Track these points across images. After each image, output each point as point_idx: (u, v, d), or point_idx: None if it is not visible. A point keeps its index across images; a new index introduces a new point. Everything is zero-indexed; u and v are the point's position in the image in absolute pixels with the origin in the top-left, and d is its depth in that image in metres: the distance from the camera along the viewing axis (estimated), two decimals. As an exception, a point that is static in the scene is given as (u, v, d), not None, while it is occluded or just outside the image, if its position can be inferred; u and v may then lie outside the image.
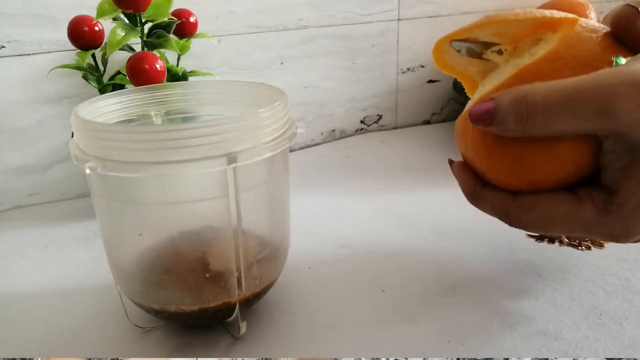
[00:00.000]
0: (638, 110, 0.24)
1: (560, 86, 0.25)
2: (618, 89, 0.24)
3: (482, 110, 0.27)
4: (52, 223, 0.48)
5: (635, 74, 0.24)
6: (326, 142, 0.68)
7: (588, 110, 0.24)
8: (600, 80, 0.24)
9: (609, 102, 0.24)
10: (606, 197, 0.27)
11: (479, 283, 0.36)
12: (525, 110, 0.25)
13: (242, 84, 0.35)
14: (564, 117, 0.25)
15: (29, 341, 0.32)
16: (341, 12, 0.64)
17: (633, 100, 0.24)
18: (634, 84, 0.23)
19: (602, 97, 0.24)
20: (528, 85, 0.26)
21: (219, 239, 0.31)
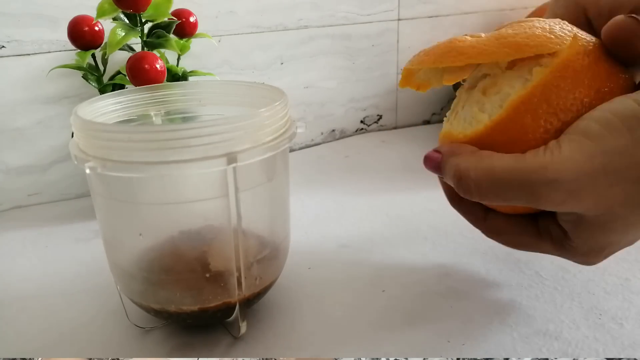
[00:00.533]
0: (560, 206, 0.25)
1: (490, 174, 0.26)
2: (540, 188, 0.25)
3: (433, 163, 0.29)
4: (52, 223, 0.48)
5: (558, 173, 0.24)
6: (326, 142, 0.68)
7: (516, 201, 0.26)
8: (525, 175, 0.25)
9: (534, 199, 0.25)
10: (563, 237, 0.28)
11: (479, 283, 0.36)
12: (463, 190, 0.27)
13: (242, 84, 0.35)
14: (496, 201, 0.27)
15: (29, 341, 0.32)
16: (341, 12, 0.64)
17: (554, 199, 0.25)
18: (555, 183, 0.24)
19: (527, 193, 0.25)
20: (463, 163, 0.27)
21: (219, 238, 0.31)
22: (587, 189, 0.24)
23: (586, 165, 0.24)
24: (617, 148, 0.24)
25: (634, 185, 0.24)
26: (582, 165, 0.24)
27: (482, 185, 0.26)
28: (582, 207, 0.25)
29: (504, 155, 0.26)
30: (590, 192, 0.25)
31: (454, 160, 0.28)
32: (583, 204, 0.25)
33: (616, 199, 0.25)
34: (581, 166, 0.24)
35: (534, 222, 0.30)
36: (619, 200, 0.25)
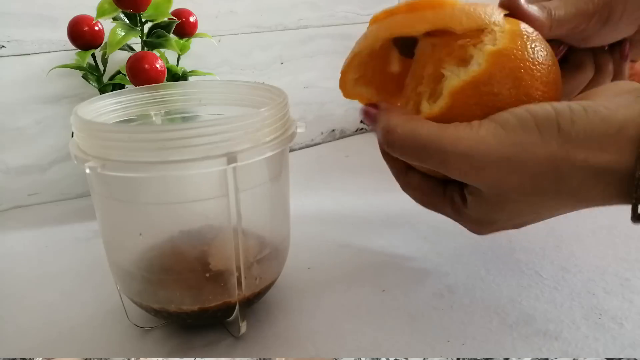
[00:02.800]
0: (463, 176, 0.29)
1: (414, 134, 0.29)
2: (451, 157, 0.28)
3: (369, 115, 0.32)
4: (52, 223, 0.48)
5: (469, 149, 0.28)
6: (326, 142, 0.68)
7: (429, 164, 0.29)
8: (441, 143, 0.28)
9: (444, 165, 0.28)
10: (461, 204, 0.32)
11: (478, 283, 0.36)
12: (388, 143, 0.30)
13: (242, 84, 0.35)
14: (413, 160, 0.30)
15: (29, 341, 0.32)
16: (341, 12, 0.64)
17: (460, 169, 0.28)
18: (464, 156, 0.28)
19: (439, 159, 0.28)
20: (393, 120, 0.30)
21: (219, 238, 0.31)
22: (489, 169, 0.28)
23: (495, 150, 0.27)
24: (524, 144, 0.27)
25: (528, 177, 0.27)
26: (491, 149, 0.27)
27: (405, 144, 0.29)
28: (481, 183, 0.29)
29: (430, 122, 0.29)
30: (492, 172, 0.28)
31: (386, 115, 0.30)
32: (483, 180, 0.28)
33: (512, 185, 0.28)
34: (490, 149, 0.27)
35: (443, 186, 0.33)
36: (513, 186, 0.28)
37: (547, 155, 0.27)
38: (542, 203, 0.29)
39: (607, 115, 0.26)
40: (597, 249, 0.39)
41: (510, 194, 0.28)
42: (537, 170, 0.27)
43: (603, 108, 0.27)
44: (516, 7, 0.32)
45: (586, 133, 0.26)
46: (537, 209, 0.30)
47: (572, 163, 0.27)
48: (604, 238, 0.40)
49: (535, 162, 0.27)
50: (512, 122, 0.28)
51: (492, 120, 0.28)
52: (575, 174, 0.27)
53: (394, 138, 0.29)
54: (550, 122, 0.27)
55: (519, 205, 0.29)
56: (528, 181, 0.27)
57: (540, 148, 0.27)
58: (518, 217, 0.31)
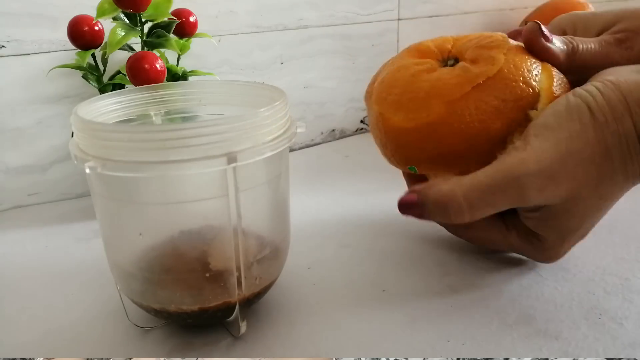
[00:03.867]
0: (542, 194, 0.29)
1: (476, 184, 0.29)
2: (526, 181, 0.28)
3: (411, 204, 0.30)
4: (52, 223, 0.48)
5: (537, 163, 0.28)
6: (326, 142, 0.68)
7: (505, 202, 0.29)
8: (509, 173, 0.28)
9: (521, 193, 0.29)
10: (528, 232, 0.32)
11: (478, 283, 0.36)
12: (453, 213, 0.29)
13: (242, 84, 0.35)
14: (486, 211, 0.29)
15: (29, 341, 0.32)
16: (341, 12, 0.64)
17: (539, 187, 0.29)
18: (538, 173, 0.28)
19: (515, 189, 0.28)
20: (445, 186, 0.29)
21: (219, 238, 0.31)
22: (561, 172, 0.28)
23: (556, 151, 0.28)
24: (574, 132, 0.29)
25: (590, 164, 0.29)
26: (553, 152, 0.28)
27: (471, 197, 0.28)
28: (559, 192, 0.29)
29: (478, 171, 0.29)
30: (564, 174, 0.29)
31: (433, 190, 0.29)
32: (560, 188, 0.29)
33: (580, 179, 0.29)
34: (552, 153, 0.28)
35: (501, 218, 0.34)
36: (582, 180, 0.29)
37: (594, 134, 0.28)
38: (605, 190, 0.30)
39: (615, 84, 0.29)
40: (597, 249, 0.39)
41: (581, 191, 0.29)
42: (593, 153, 0.29)
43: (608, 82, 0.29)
44: (535, 44, 0.34)
45: (608, 105, 0.29)
46: (602, 202, 0.30)
47: (612, 133, 0.28)
48: (604, 238, 0.40)
49: (589, 145, 0.29)
50: (552, 121, 0.29)
51: (534, 130, 0.30)
52: (617, 145, 0.29)
53: (459, 201, 0.28)
54: (580, 107, 0.29)
55: (589, 201, 0.30)
56: (591, 168, 0.29)
57: (587, 131, 0.29)
58: (587, 219, 0.31)
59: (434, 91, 0.33)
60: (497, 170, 0.29)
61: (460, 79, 0.33)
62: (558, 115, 0.29)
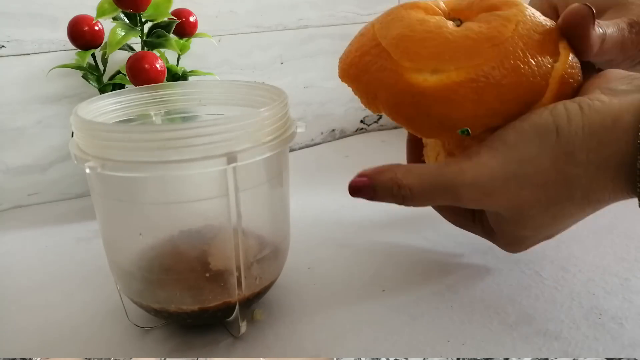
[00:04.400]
0: (479, 205, 0.29)
1: (420, 180, 0.29)
2: (461, 190, 0.28)
3: (362, 186, 0.31)
4: (52, 223, 0.48)
5: (475, 177, 0.28)
6: (326, 142, 0.68)
7: (444, 200, 0.30)
8: (447, 180, 0.29)
9: (457, 199, 0.29)
10: (490, 228, 0.32)
11: (479, 283, 0.36)
12: (400, 198, 0.30)
13: (242, 84, 0.35)
14: (429, 203, 0.31)
15: (28, 341, 0.32)
16: (341, 11, 0.64)
17: (474, 199, 0.29)
18: (473, 185, 0.28)
19: (451, 195, 0.29)
20: (396, 174, 0.30)
21: (219, 238, 0.31)
22: (500, 191, 0.28)
23: (500, 170, 0.27)
24: (527, 156, 0.27)
25: (540, 189, 0.27)
26: (497, 171, 0.28)
27: (415, 190, 0.29)
28: (496, 206, 0.29)
29: (429, 165, 0.30)
30: (503, 193, 0.28)
31: (383, 176, 0.30)
32: (496, 203, 0.29)
33: (525, 200, 0.28)
34: (495, 172, 0.28)
35: (472, 211, 0.34)
36: (528, 202, 0.28)
37: (551, 162, 0.27)
38: (561, 212, 0.28)
39: (602, 107, 0.26)
40: (597, 249, 0.39)
41: (527, 211, 0.28)
42: (545, 180, 0.27)
43: (597, 101, 0.26)
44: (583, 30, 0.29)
45: (584, 130, 0.26)
46: (558, 220, 0.29)
47: (576, 164, 0.26)
48: (604, 238, 0.40)
49: (541, 172, 0.27)
50: (511, 138, 0.28)
51: (491, 142, 0.28)
52: (582, 174, 0.26)
53: (405, 193, 0.29)
54: (548, 128, 0.27)
55: (540, 219, 0.29)
56: (540, 193, 0.27)
57: (543, 157, 0.27)
58: (544, 231, 0.30)
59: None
60: (440, 173, 0.29)
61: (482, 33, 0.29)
62: (520, 132, 0.27)
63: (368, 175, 0.31)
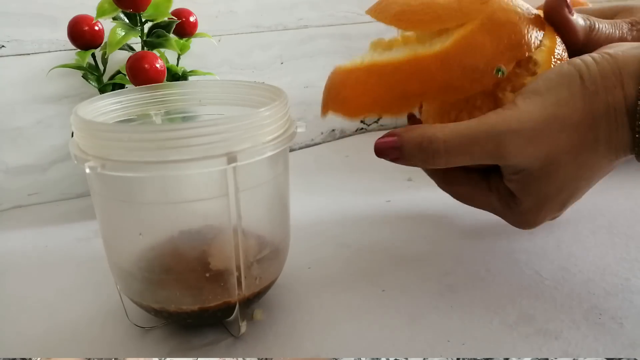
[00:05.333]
0: (520, 154, 0.30)
1: (457, 132, 0.30)
2: (505, 138, 0.29)
3: (388, 147, 0.32)
4: (52, 223, 0.48)
5: (520, 123, 0.29)
6: (326, 142, 0.68)
7: (483, 154, 0.30)
8: (491, 128, 0.29)
9: (499, 148, 0.29)
10: (508, 195, 0.33)
11: (478, 283, 0.36)
12: (431, 154, 0.30)
13: (242, 84, 0.35)
14: (463, 159, 0.30)
15: (28, 341, 0.32)
16: (341, 11, 0.64)
17: (518, 145, 0.29)
18: (518, 132, 0.29)
19: (493, 144, 0.29)
20: (429, 130, 0.30)
21: (219, 238, 0.31)
22: (542, 135, 0.29)
23: (541, 114, 0.29)
24: (562, 98, 0.29)
25: (574, 131, 0.29)
26: (538, 115, 0.29)
27: (451, 142, 0.30)
28: (538, 153, 0.30)
29: (464, 121, 0.30)
30: (545, 137, 0.29)
31: (414, 132, 0.31)
32: (539, 150, 0.29)
33: (562, 145, 0.29)
34: (537, 116, 0.29)
35: (486, 178, 0.34)
36: (564, 147, 0.29)
37: (582, 102, 0.29)
38: (587, 160, 0.30)
39: (611, 59, 0.29)
40: (597, 249, 0.39)
41: (562, 157, 0.30)
42: (578, 120, 0.29)
43: (607, 55, 0.30)
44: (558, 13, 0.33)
45: (601, 75, 0.29)
46: (582, 170, 0.31)
47: (600, 104, 0.29)
48: (604, 238, 0.40)
49: (576, 111, 0.29)
50: (541, 86, 0.30)
51: (524, 93, 0.30)
52: (603, 116, 0.29)
53: (438, 145, 0.30)
54: (573, 75, 0.30)
55: (569, 168, 0.30)
56: (574, 136, 0.29)
57: (575, 98, 0.29)
58: (565, 188, 0.31)
59: None
60: (481, 124, 0.30)
61: None
62: (548, 80, 0.30)
63: (396, 134, 0.31)
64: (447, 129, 0.30)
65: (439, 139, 0.30)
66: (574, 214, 0.44)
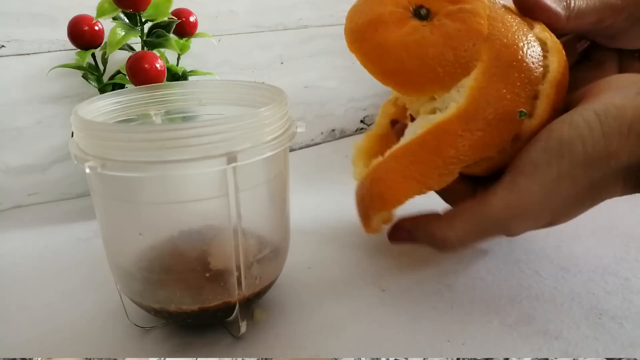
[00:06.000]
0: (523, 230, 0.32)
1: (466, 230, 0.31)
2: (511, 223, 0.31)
3: (402, 241, 0.35)
4: (52, 223, 0.48)
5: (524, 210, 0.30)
6: (326, 142, 0.68)
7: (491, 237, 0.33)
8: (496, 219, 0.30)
9: (506, 231, 0.31)
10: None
11: (478, 283, 0.36)
12: (444, 249, 0.33)
13: (242, 84, 0.35)
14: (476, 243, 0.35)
15: (29, 341, 0.32)
16: (341, 11, 0.64)
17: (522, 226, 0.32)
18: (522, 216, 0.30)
19: (501, 229, 0.31)
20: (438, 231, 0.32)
21: (219, 238, 0.31)
22: (545, 212, 0.30)
23: (542, 193, 0.29)
24: (562, 173, 0.28)
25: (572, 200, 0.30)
26: (539, 196, 0.29)
27: (462, 241, 0.32)
28: (538, 226, 0.31)
29: (467, 207, 0.31)
30: (548, 213, 0.30)
31: (425, 231, 0.33)
32: (540, 223, 0.31)
33: (561, 212, 0.31)
34: (538, 197, 0.29)
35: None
36: (561, 213, 0.31)
37: (582, 171, 0.28)
38: (578, 213, 0.31)
39: (617, 114, 0.27)
40: (597, 249, 0.39)
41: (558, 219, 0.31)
42: (578, 190, 0.29)
43: (612, 107, 0.28)
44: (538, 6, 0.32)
45: (605, 138, 0.27)
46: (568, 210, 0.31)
47: (600, 169, 0.28)
48: (604, 238, 0.40)
49: (576, 183, 0.29)
50: (541, 160, 0.29)
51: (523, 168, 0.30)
52: (601, 179, 0.28)
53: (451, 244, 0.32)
54: (573, 141, 0.28)
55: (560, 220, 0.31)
56: (573, 203, 0.30)
57: (576, 169, 0.28)
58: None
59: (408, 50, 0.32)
60: (486, 214, 0.30)
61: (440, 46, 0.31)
62: (549, 151, 0.29)
63: (408, 230, 0.34)
64: (455, 227, 0.31)
65: (450, 239, 0.31)
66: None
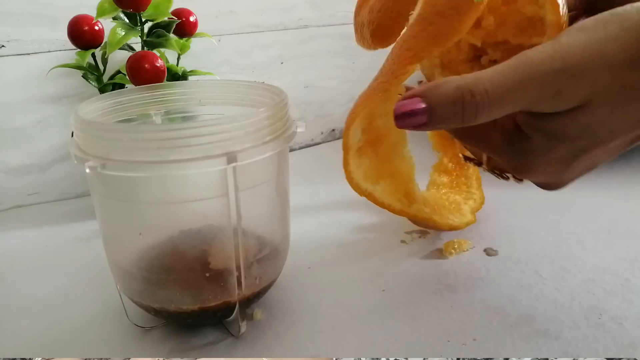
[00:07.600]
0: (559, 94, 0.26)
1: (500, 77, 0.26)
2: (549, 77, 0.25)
3: (413, 111, 0.26)
4: (52, 223, 0.48)
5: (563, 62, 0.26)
6: (326, 142, 0.68)
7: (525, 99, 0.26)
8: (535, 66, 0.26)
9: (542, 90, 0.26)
10: (513, 130, 0.28)
11: (478, 283, 0.36)
12: (473, 110, 0.25)
13: (242, 84, 0.35)
14: (505, 109, 0.26)
15: (28, 341, 0.32)
16: (341, 11, 0.64)
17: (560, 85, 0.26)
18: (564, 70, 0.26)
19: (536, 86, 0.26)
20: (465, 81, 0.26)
21: (219, 238, 0.31)
22: (586, 72, 0.26)
23: (585, 50, 0.26)
24: (610, 35, 0.26)
25: (620, 69, 0.26)
26: (582, 51, 0.26)
27: (495, 94, 0.25)
28: (579, 93, 0.26)
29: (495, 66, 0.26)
30: (588, 75, 0.26)
31: (446, 87, 0.26)
32: (580, 90, 0.26)
33: (601, 84, 0.26)
34: (581, 52, 0.26)
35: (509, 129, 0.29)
36: (602, 85, 0.26)
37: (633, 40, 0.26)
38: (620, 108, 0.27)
39: None
40: (597, 249, 0.39)
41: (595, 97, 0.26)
42: (626, 59, 0.26)
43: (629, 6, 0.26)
44: None
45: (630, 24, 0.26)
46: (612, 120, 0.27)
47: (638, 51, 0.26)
48: (604, 238, 0.40)
49: (624, 50, 0.26)
50: (588, 24, 0.27)
51: (569, 31, 0.27)
52: None
53: (481, 99, 0.25)
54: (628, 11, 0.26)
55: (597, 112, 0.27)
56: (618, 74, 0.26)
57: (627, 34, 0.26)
58: (587, 136, 0.27)
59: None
60: (523, 63, 0.26)
61: None
62: (599, 17, 0.27)
63: (420, 94, 0.26)
64: (488, 76, 0.25)
65: (480, 90, 0.25)
66: (574, 213, 0.44)
